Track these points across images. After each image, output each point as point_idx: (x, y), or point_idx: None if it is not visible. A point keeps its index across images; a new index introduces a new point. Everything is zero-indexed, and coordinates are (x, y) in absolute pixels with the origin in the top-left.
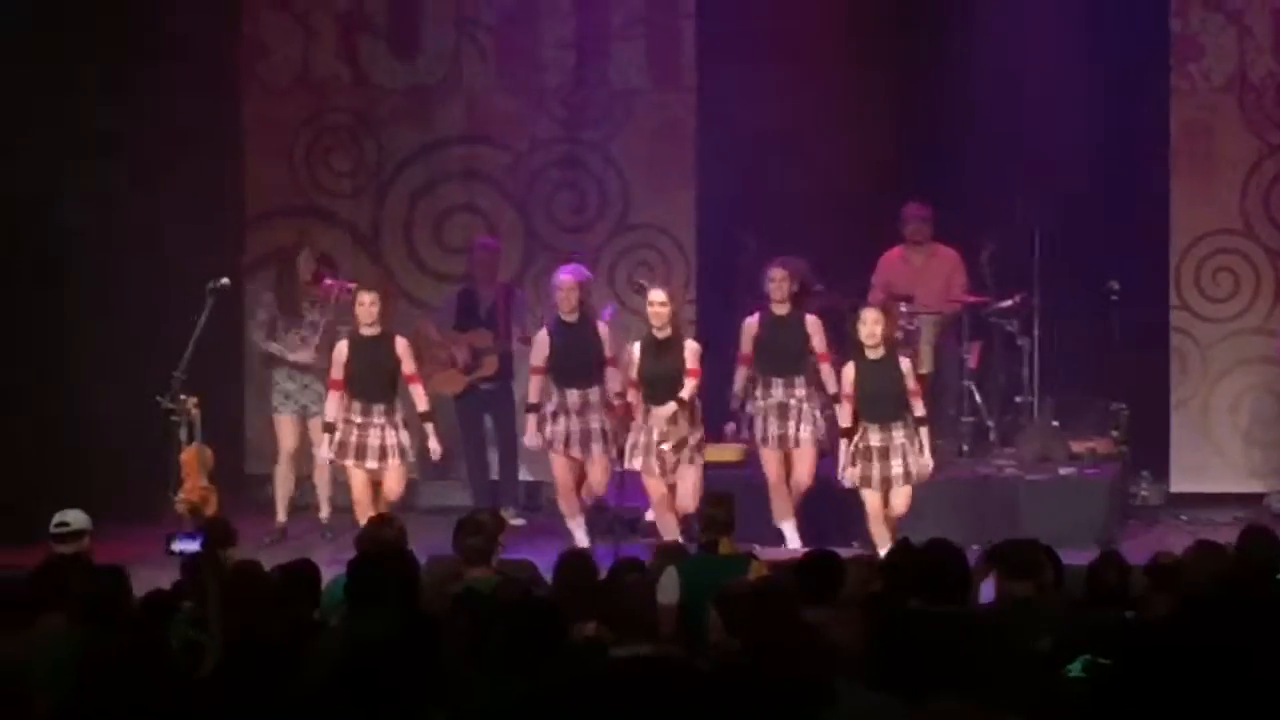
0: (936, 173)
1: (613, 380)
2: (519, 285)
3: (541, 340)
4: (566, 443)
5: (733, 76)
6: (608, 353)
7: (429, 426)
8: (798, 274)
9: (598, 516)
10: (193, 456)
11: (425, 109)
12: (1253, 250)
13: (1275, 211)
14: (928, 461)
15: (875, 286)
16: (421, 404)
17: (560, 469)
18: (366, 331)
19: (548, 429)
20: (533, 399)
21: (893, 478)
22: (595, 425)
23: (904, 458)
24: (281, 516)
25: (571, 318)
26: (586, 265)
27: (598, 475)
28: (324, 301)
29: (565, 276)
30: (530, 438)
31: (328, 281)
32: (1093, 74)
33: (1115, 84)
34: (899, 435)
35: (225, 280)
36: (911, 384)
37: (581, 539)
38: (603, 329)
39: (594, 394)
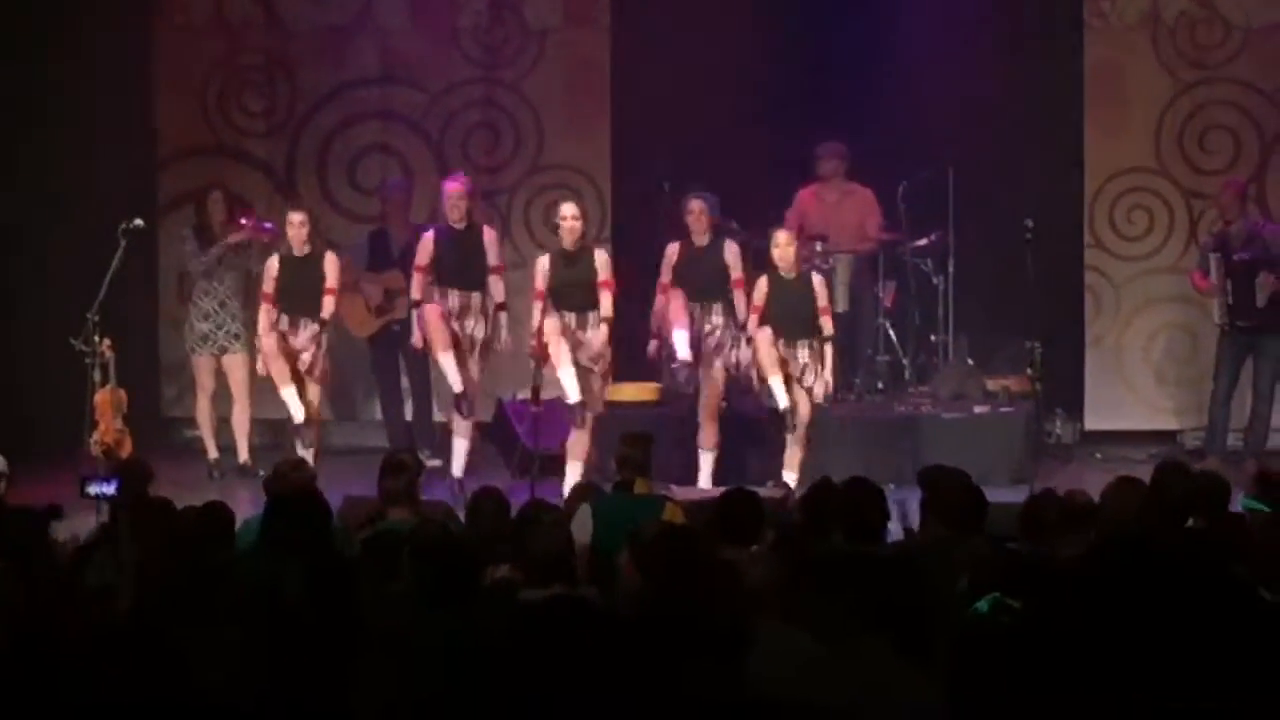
0: (851, 112)
1: (495, 287)
2: (431, 225)
3: (426, 241)
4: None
5: (647, 14)
6: (493, 260)
7: (322, 336)
8: (714, 206)
9: (512, 454)
10: (106, 399)
11: (339, 50)
12: (1166, 189)
13: (1189, 150)
14: (828, 379)
15: (789, 223)
16: (327, 313)
17: (444, 361)
18: (298, 251)
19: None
20: (414, 295)
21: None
22: (469, 331)
23: (803, 376)
24: (213, 453)
25: (460, 225)
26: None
27: (470, 378)
28: (247, 240)
29: (453, 185)
30: (415, 335)
31: (243, 221)
32: (1007, 12)
33: (1029, 22)
34: (804, 355)
35: (139, 221)
36: (823, 302)
37: (457, 465)
38: (490, 237)
39: (474, 299)
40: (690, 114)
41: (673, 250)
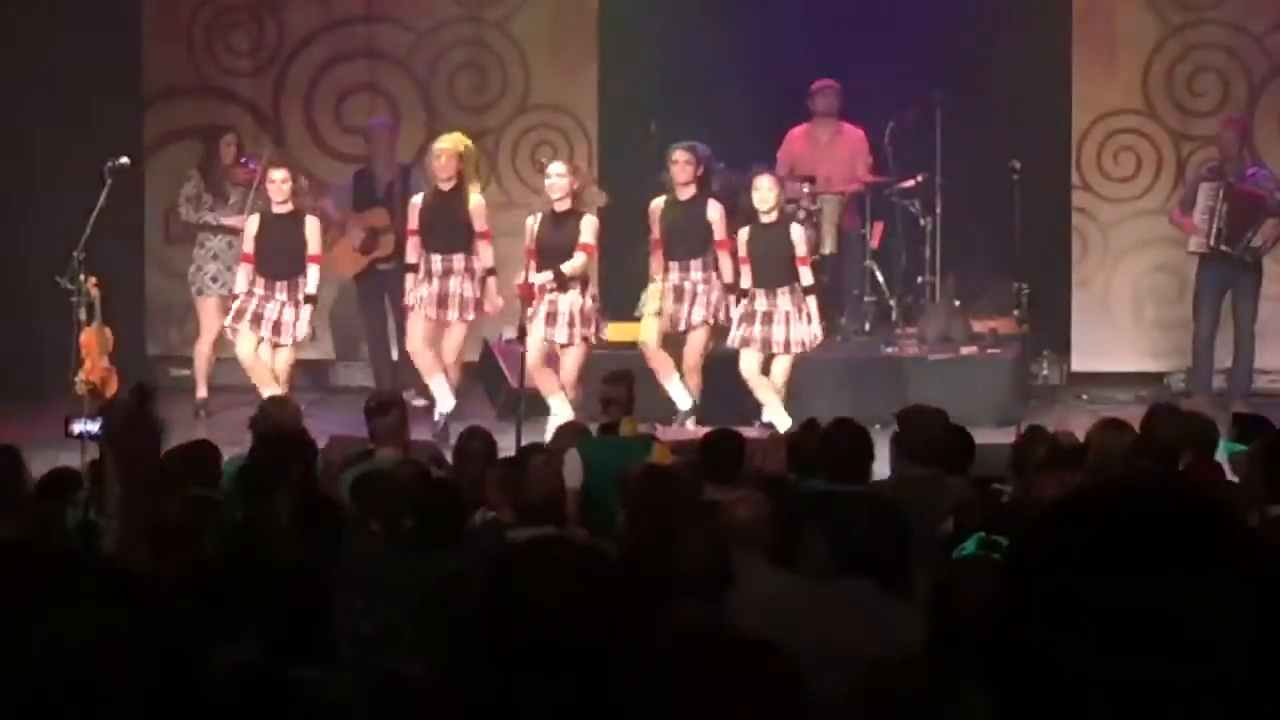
0: (838, 51)
1: (483, 253)
2: (418, 165)
3: (414, 204)
4: (425, 303)
5: None
6: (479, 226)
7: (308, 308)
8: (702, 158)
9: (498, 394)
10: (92, 337)
11: None
12: (1155, 131)
13: (1178, 92)
14: (816, 331)
15: (780, 163)
16: (311, 286)
17: (412, 327)
18: (278, 209)
19: (412, 294)
20: (410, 259)
21: (774, 342)
22: (455, 290)
23: (787, 325)
24: (202, 392)
25: (447, 185)
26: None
27: (452, 340)
28: (246, 184)
29: (444, 144)
30: (408, 296)
31: (250, 165)
32: None
33: None
34: (785, 302)
35: (124, 160)
36: (801, 251)
37: (443, 399)
38: (476, 203)
39: (458, 260)
40: (678, 54)
41: (656, 205)
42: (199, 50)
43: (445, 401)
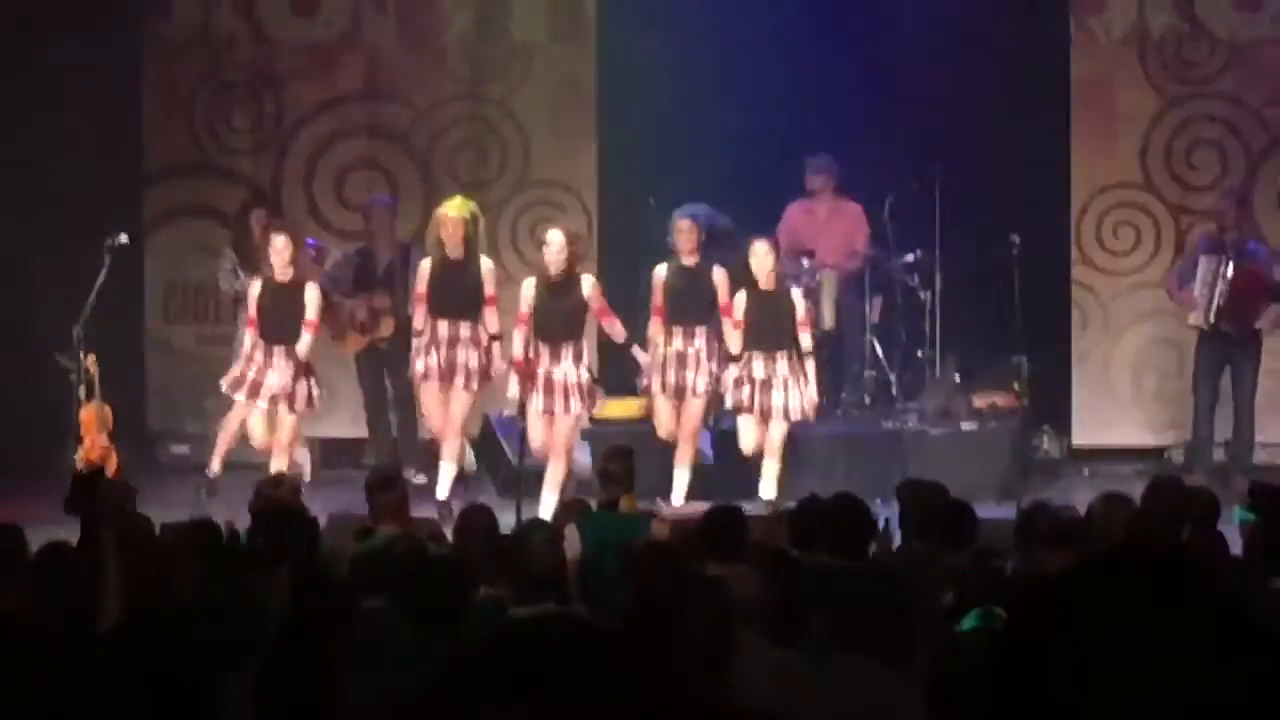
0: (837, 127)
1: (490, 319)
2: (417, 244)
3: (422, 270)
4: (430, 374)
5: (633, 30)
6: (487, 291)
7: (312, 378)
8: (703, 225)
9: (498, 471)
10: (92, 414)
11: (325, 66)
12: (1153, 204)
13: (1176, 165)
14: (813, 394)
15: (779, 240)
16: (302, 352)
17: (428, 404)
18: (279, 276)
19: (419, 362)
20: (417, 325)
21: (772, 409)
22: (462, 360)
23: (785, 392)
24: (216, 468)
25: (455, 253)
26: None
27: (458, 407)
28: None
29: (449, 211)
30: (412, 365)
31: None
32: (994, 27)
33: (1016, 37)
34: (783, 367)
35: (124, 237)
36: (801, 314)
37: (442, 488)
38: (485, 268)
39: (464, 328)
40: (677, 130)
41: (660, 271)
42: (199, 127)
43: (441, 491)
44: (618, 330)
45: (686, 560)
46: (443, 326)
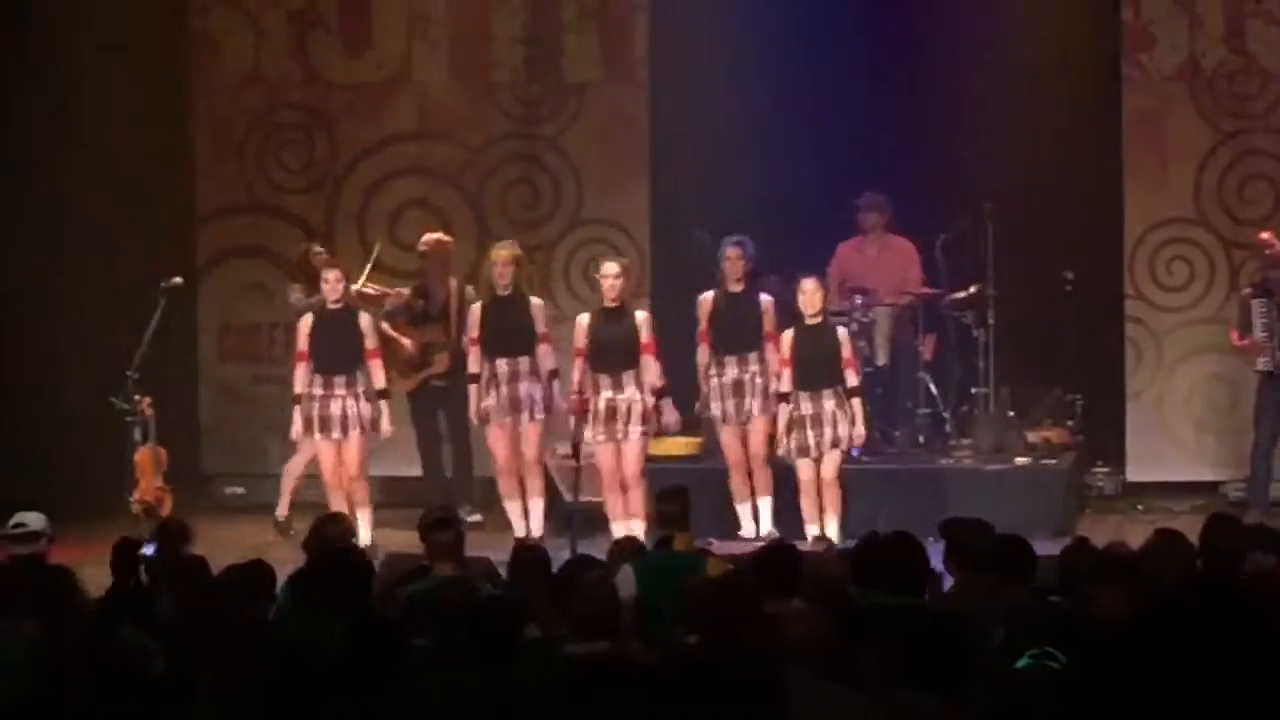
0: (889, 164)
1: (545, 356)
2: (472, 282)
3: (474, 313)
4: (494, 412)
5: (685, 68)
6: (540, 329)
7: (383, 404)
8: (749, 254)
9: (552, 509)
10: (147, 457)
11: (377, 105)
12: (1206, 239)
13: (1228, 200)
14: (861, 430)
15: (830, 278)
16: (379, 380)
17: (493, 440)
18: (331, 306)
19: (481, 403)
20: (472, 369)
21: (823, 443)
22: (524, 393)
23: (834, 426)
24: (284, 510)
25: (505, 292)
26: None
27: (530, 442)
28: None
29: (500, 251)
30: (472, 410)
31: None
32: (1045, 64)
33: (1067, 73)
34: (829, 404)
35: (178, 279)
36: (846, 353)
37: (518, 527)
38: (536, 305)
39: (523, 363)
40: (729, 168)
41: (706, 299)
42: (251, 168)
43: (518, 530)
44: (655, 372)
45: (743, 599)
46: (501, 364)
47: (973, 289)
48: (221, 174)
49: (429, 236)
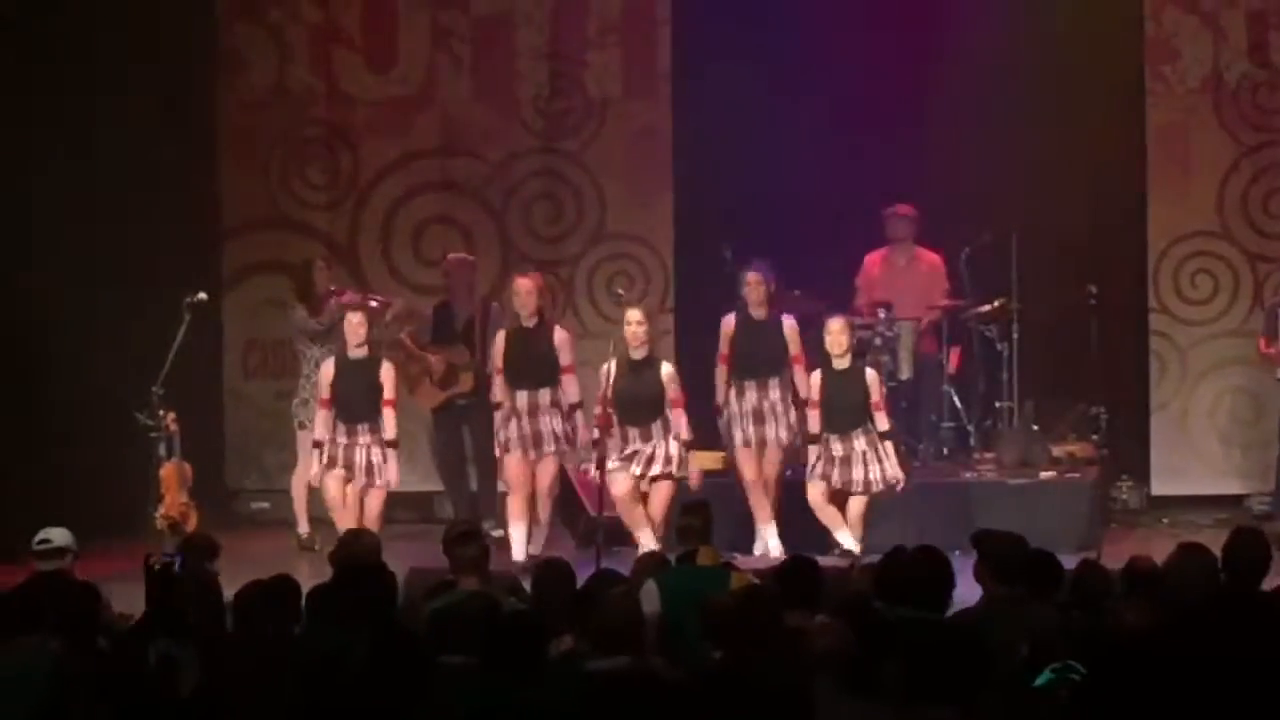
0: (913, 177)
1: (569, 388)
2: (496, 298)
3: (499, 342)
4: (513, 445)
5: (708, 83)
6: (564, 361)
7: (391, 452)
8: (769, 277)
9: (577, 524)
10: (172, 472)
11: (401, 121)
12: (1230, 252)
13: (1253, 213)
14: (895, 473)
15: (858, 289)
16: (390, 431)
17: (510, 470)
18: (354, 353)
19: (502, 433)
20: (496, 397)
21: (852, 482)
22: (545, 428)
23: (865, 466)
24: (304, 527)
25: (530, 322)
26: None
27: (545, 474)
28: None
29: (524, 280)
30: (498, 436)
31: (343, 296)
32: (1069, 77)
33: (1091, 87)
34: (860, 444)
35: (202, 295)
36: (875, 396)
37: (518, 550)
38: (561, 337)
39: (544, 396)
40: (753, 182)
41: (728, 323)
42: (275, 184)
43: (517, 554)
44: (683, 427)
45: (767, 613)
46: (521, 397)
47: (997, 302)
48: (246, 189)
49: (452, 256)
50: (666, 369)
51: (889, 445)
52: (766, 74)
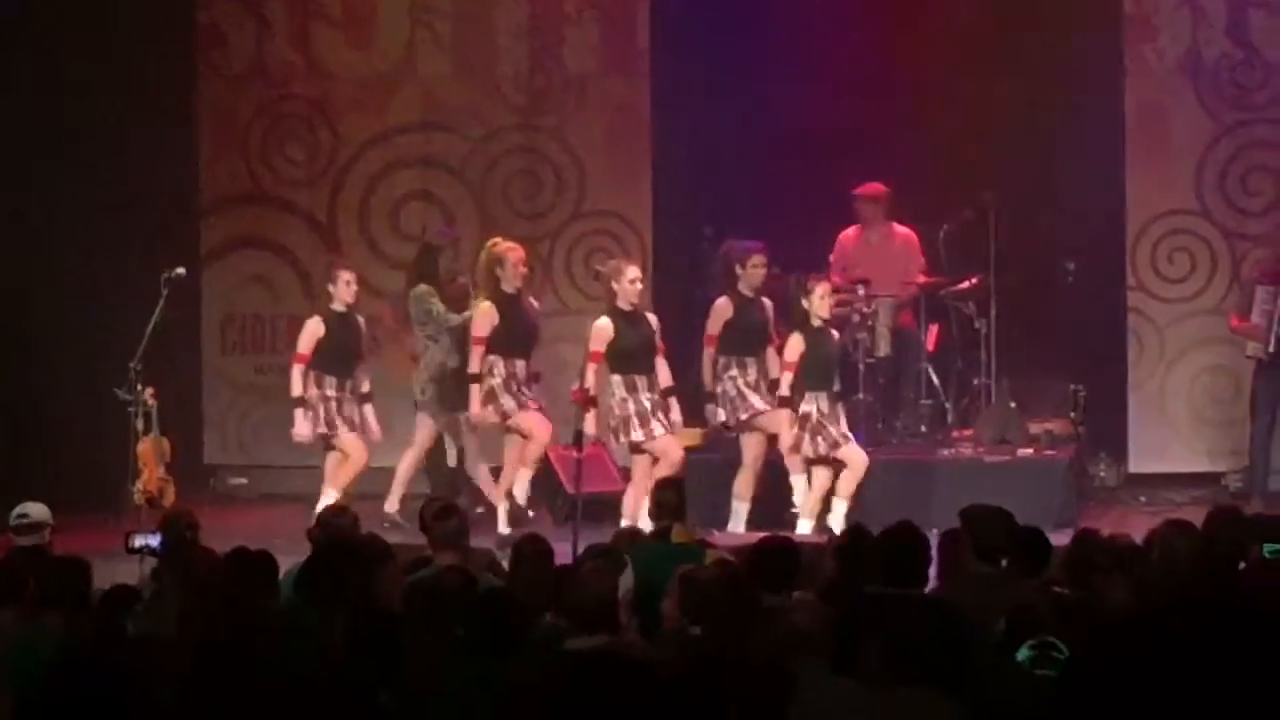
0: (890, 154)
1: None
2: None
3: (485, 311)
4: (522, 407)
5: (687, 59)
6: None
7: (368, 408)
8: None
9: (555, 502)
10: (150, 448)
11: (381, 97)
12: (1208, 230)
13: (1231, 191)
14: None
15: (833, 267)
16: (364, 385)
17: (528, 423)
18: (339, 308)
19: (506, 400)
20: (474, 369)
21: (839, 438)
22: (535, 393)
23: (837, 423)
24: (393, 506)
25: (515, 291)
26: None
27: (537, 441)
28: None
29: (516, 251)
30: (474, 411)
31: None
32: (1048, 55)
33: (1070, 65)
34: (826, 402)
35: (181, 270)
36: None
37: (502, 524)
38: (537, 308)
39: (521, 366)
40: (730, 159)
41: (724, 304)
42: (255, 160)
43: (501, 526)
44: (667, 374)
45: (745, 591)
46: (518, 366)
47: (975, 280)
48: (225, 165)
49: (436, 231)
50: (653, 318)
51: (840, 408)
52: (745, 51)
